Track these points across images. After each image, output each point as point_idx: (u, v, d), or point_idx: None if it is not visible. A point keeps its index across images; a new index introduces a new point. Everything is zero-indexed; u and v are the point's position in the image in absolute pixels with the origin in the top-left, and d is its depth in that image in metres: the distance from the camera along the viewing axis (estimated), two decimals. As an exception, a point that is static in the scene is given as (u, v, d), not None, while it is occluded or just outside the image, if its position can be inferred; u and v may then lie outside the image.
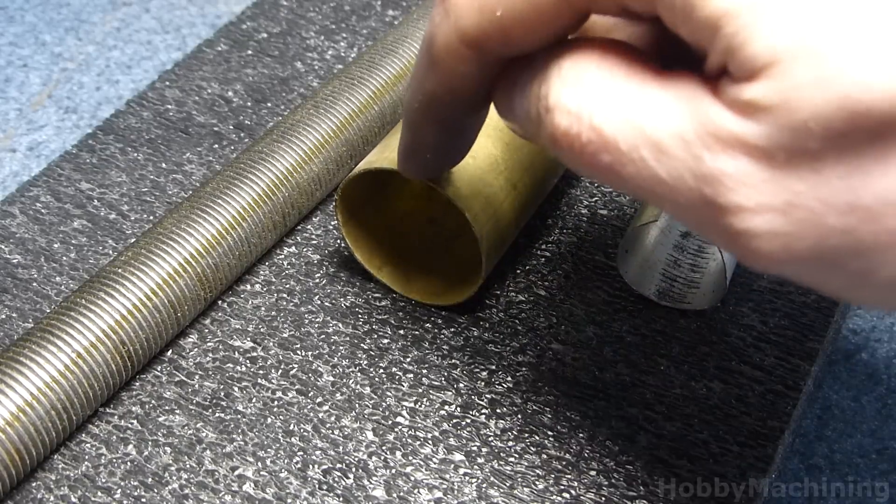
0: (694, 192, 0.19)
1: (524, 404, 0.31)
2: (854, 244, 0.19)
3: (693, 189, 0.19)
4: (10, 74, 0.49)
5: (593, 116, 0.20)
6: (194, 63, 0.45)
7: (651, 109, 0.20)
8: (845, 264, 0.19)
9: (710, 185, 0.19)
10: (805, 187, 0.19)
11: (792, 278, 0.20)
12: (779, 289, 0.34)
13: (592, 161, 0.21)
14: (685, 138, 0.19)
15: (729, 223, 0.19)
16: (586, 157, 0.21)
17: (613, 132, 0.20)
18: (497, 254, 0.32)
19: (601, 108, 0.20)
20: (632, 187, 0.20)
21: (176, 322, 0.32)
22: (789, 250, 0.19)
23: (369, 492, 0.29)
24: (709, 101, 0.19)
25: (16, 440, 0.28)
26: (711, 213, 0.19)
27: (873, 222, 0.18)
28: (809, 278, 0.20)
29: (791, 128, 0.18)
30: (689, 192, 0.19)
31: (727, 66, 0.19)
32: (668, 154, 0.19)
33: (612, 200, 0.38)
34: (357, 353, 0.33)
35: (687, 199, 0.20)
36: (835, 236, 0.19)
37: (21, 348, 0.29)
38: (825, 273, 0.20)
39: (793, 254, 0.19)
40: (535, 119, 0.22)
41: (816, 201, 0.19)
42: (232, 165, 0.35)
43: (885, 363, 0.35)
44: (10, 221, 0.37)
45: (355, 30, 0.47)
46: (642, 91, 0.20)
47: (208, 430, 0.30)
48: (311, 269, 0.35)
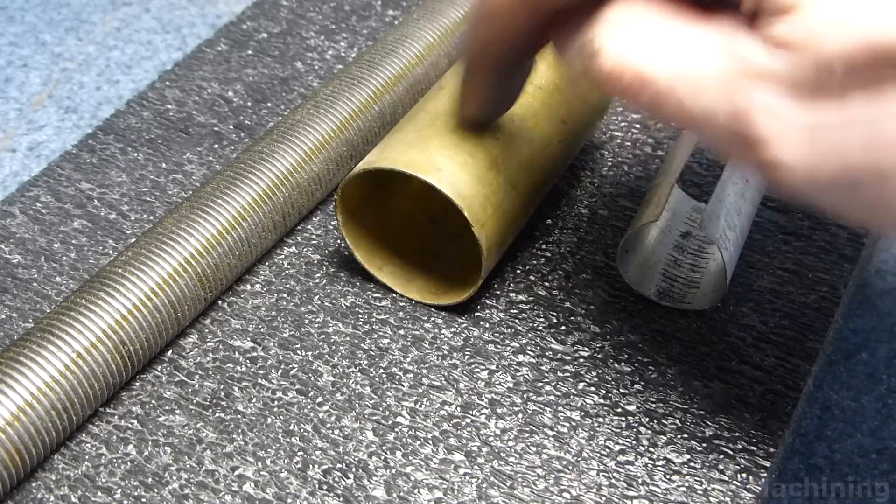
0: (727, 126, 0.21)
1: (524, 404, 0.31)
2: (874, 170, 0.20)
3: (726, 123, 0.21)
4: (10, 74, 0.49)
5: (634, 59, 0.22)
6: (194, 63, 0.45)
7: (688, 51, 0.21)
8: (866, 189, 0.21)
9: (743, 118, 0.21)
10: (830, 118, 0.20)
11: (817, 204, 0.22)
12: (779, 289, 0.34)
13: (635, 99, 0.22)
14: (720, 77, 0.21)
15: (759, 153, 0.21)
16: (629, 96, 0.22)
17: (653, 74, 0.22)
18: (497, 253, 0.33)
19: (642, 50, 0.22)
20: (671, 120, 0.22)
21: (176, 322, 0.32)
22: (815, 177, 0.21)
23: (369, 492, 0.29)
24: (743, 38, 0.21)
25: (16, 440, 0.28)
26: (743, 144, 0.21)
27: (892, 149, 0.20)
28: (833, 204, 0.22)
29: (817, 63, 0.20)
30: (722, 126, 0.21)
31: (760, 5, 0.20)
32: (704, 92, 0.21)
33: (612, 200, 0.38)
34: (357, 353, 0.33)
35: (721, 132, 0.21)
36: (857, 163, 0.20)
37: (21, 348, 0.29)
38: (848, 198, 0.21)
39: (818, 180, 0.21)
40: (584, 62, 0.23)
41: (840, 130, 0.20)
42: (232, 165, 0.35)
43: (885, 363, 0.35)
44: (10, 221, 0.37)
45: (355, 30, 0.47)
46: (681, 33, 0.22)
47: (208, 430, 0.30)
48: (311, 269, 0.35)
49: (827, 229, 0.36)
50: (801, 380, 0.31)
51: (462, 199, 0.30)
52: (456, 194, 0.30)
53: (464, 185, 0.31)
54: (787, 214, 0.37)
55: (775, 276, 0.35)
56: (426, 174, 0.31)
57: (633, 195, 0.38)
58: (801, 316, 0.33)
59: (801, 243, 0.36)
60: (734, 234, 0.32)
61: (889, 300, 0.37)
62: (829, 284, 0.34)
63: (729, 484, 0.29)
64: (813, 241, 0.36)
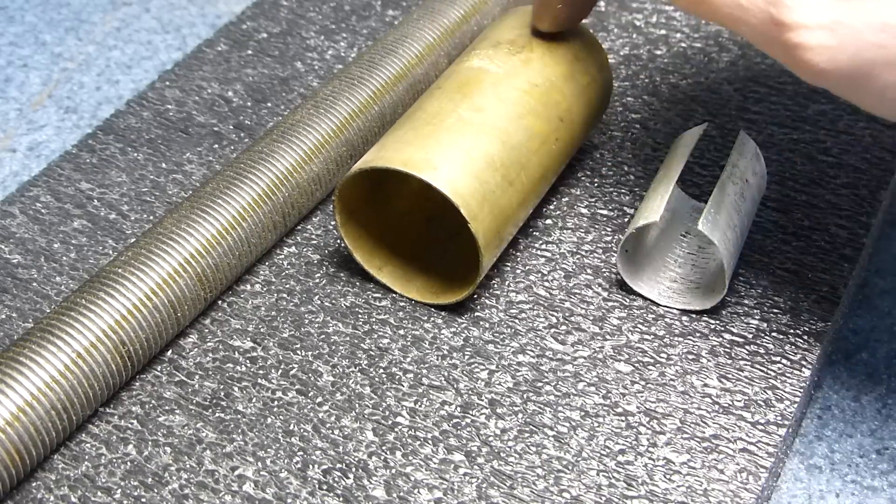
0: (764, 13, 0.25)
1: (524, 404, 0.31)
2: (886, 57, 0.24)
3: (763, 10, 0.25)
4: (10, 74, 0.49)
5: None
6: (194, 63, 0.45)
7: None
8: (878, 75, 0.24)
9: (777, 6, 0.25)
10: (849, 8, 0.24)
11: (834, 90, 0.25)
12: (779, 289, 0.34)
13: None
14: None
15: (788, 38, 0.24)
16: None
17: None
18: (495, 250, 0.33)
19: None
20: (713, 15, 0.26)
21: (176, 322, 0.32)
22: (834, 61, 0.24)
23: (369, 492, 0.29)
24: None
25: (16, 440, 0.28)
26: (776, 30, 0.25)
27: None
28: (848, 90, 0.25)
29: None
30: (760, 13, 0.25)
31: None
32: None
33: (612, 200, 0.38)
34: (357, 353, 0.33)
35: (758, 20, 0.25)
36: (871, 50, 0.24)
37: (21, 348, 0.29)
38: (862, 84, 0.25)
39: (836, 64, 0.24)
40: None
41: (857, 19, 0.24)
42: (232, 165, 0.35)
43: (885, 363, 0.35)
44: (10, 221, 0.37)
45: (355, 30, 0.47)
46: None
47: (208, 430, 0.30)
48: (311, 269, 0.35)
49: (827, 229, 0.36)
50: (800, 380, 0.31)
51: (458, 196, 0.30)
52: (452, 191, 0.30)
53: (460, 183, 0.31)
54: (787, 214, 0.37)
55: (775, 276, 0.35)
56: (422, 172, 0.31)
57: (633, 195, 0.38)
58: (801, 315, 0.33)
59: (801, 243, 0.36)
60: (734, 234, 0.32)
61: (889, 300, 0.37)
62: (829, 284, 0.34)
63: (729, 484, 0.29)
64: (813, 241, 0.36)
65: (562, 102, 0.35)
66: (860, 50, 0.24)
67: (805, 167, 0.38)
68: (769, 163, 0.38)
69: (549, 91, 0.34)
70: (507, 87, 0.33)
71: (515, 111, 0.33)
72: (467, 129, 0.32)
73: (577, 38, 0.36)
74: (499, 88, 0.33)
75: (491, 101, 0.33)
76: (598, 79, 0.37)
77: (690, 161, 0.39)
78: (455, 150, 0.31)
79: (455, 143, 0.31)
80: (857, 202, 0.37)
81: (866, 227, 0.36)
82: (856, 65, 0.24)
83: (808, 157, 0.39)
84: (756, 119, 0.41)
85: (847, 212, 0.37)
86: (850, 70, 0.24)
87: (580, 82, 0.35)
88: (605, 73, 0.37)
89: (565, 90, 0.35)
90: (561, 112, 0.34)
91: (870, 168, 0.38)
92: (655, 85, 0.43)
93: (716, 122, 0.41)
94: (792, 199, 0.37)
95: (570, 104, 0.35)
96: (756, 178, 0.34)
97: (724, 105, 0.41)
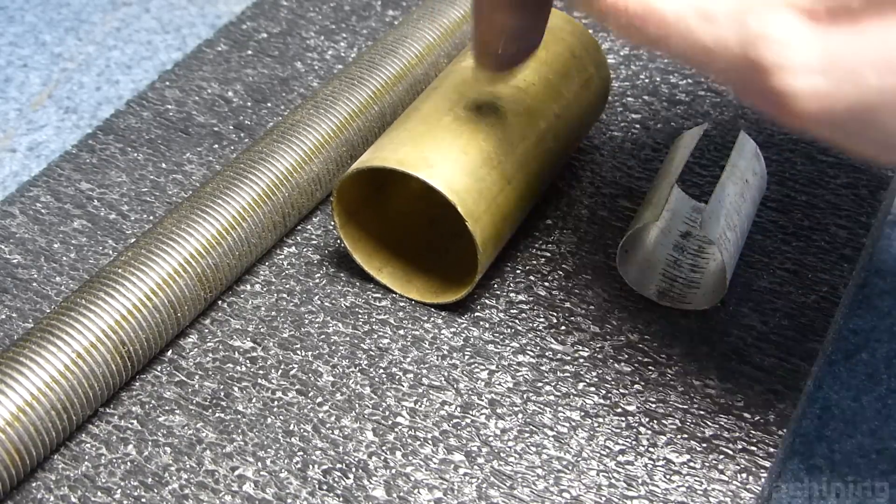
0: (738, 56, 0.20)
1: (524, 404, 0.31)
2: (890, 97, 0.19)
3: (738, 53, 0.20)
4: (10, 74, 0.49)
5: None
6: (194, 63, 0.45)
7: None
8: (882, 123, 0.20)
9: (755, 46, 0.20)
10: (846, 46, 0.19)
11: (827, 139, 0.21)
12: (779, 289, 0.34)
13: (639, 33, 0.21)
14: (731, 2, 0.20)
15: (772, 84, 0.20)
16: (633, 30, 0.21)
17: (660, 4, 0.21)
18: (493, 248, 0.33)
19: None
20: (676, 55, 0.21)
21: (176, 322, 0.32)
22: (829, 109, 0.20)
23: (369, 492, 0.29)
24: None
25: (16, 440, 0.28)
26: (755, 74, 0.20)
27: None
28: (845, 139, 0.21)
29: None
30: (733, 56, 0.20)
31: None
32: (715, 21, 0.20)
33: (611, 201, 0.38)
34: (357, 353, 0.33)
35: (731, 64, 0.20)
36: (873, 94, 0.19)
37: (21, 348, 0.29)
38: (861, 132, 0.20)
39: (832, 112, 0.20)
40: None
41: (856, 59, 0.19)
42: (232, 165, 0.35)
43: (885, 363, 0.35)
44: (10, 221, 0.37)
45: (355, 30, 0.47)
46: None
47: (208, 430, 0.30)
48: (311, 269, 0.35)
49: (827, 229, 0.36)
50: (800, 380, 0.31)
51: (455, 195, 0.30)
52: (449, 190, 0.30)
53: (457, 181, 0.31)
54: (787, 214, 0.37)
55: (775, 276, 0.35)
56: (418, 170, 0.31)
57: (633, 195, 0.38)
58: (801, 316, 0.33)
59: (801, 243, 0.36)
60: (734, 234, 0.32)
61: (889, 300, 0.37)
62: (829, 284, 0.34)
63: (729, 484, 0.29)
64: (813, 241, 0.36)
65: (559, 100, 0.35)
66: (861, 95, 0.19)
67: (805, 167, 0.38)
68: (769, 163, 0.38)
69: (546, 89, 0.34)
70: (503, 85, 0.33)
71: (512, 108, 0.33)
72: (463, 127, 0.32)
73: (574, 36, 0.36)
74: (495, 87, 0.33)
75: (487, 99, 0.33)
76: (596, 76, 0.37)
77: (690, 161, 0.39)
78: (451, 149, 0.31)
79: (451, 141, 0.32)
80: (857, 202, 0.37)
81: (866, 227, 0.36)
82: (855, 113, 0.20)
83: (808, 157, 0.39)
84: (756, 119, 0.41)
85: (847, 212, 0.37)
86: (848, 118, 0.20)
87: (577, 80, 0.35)
88: (603, 71, 0.37)
89: (562, 88, 0.35)
90: (558, 110, 0.34)
91: (870, 168, 0.38)
92: (655, 85, 0.43)
93: (716, 122, 0.41)
94: (792, 199, 0.37)
95: (568, 102, 0.35)
96: (756, 178, 0.34)
97: (725, 105, 0.41)
